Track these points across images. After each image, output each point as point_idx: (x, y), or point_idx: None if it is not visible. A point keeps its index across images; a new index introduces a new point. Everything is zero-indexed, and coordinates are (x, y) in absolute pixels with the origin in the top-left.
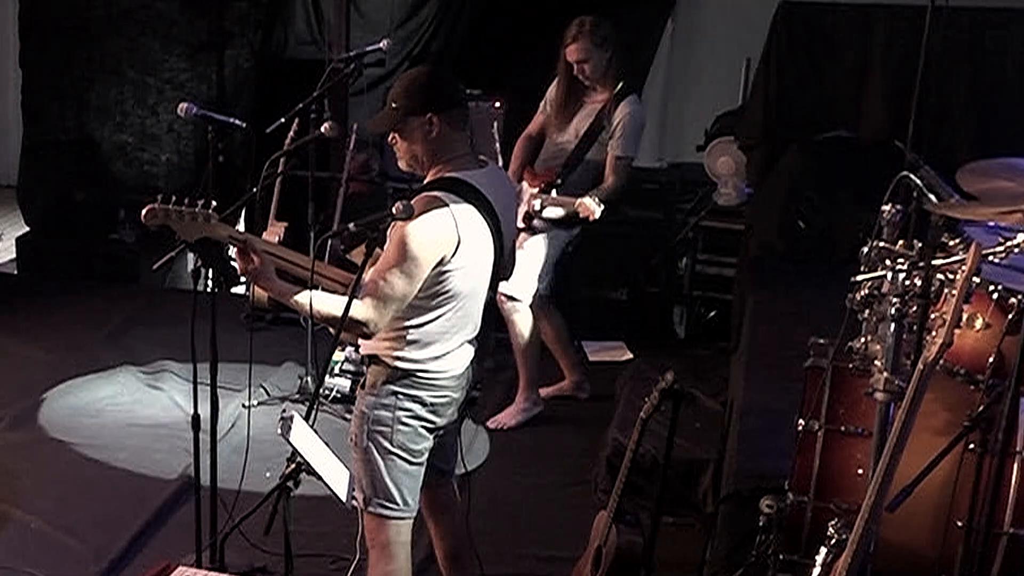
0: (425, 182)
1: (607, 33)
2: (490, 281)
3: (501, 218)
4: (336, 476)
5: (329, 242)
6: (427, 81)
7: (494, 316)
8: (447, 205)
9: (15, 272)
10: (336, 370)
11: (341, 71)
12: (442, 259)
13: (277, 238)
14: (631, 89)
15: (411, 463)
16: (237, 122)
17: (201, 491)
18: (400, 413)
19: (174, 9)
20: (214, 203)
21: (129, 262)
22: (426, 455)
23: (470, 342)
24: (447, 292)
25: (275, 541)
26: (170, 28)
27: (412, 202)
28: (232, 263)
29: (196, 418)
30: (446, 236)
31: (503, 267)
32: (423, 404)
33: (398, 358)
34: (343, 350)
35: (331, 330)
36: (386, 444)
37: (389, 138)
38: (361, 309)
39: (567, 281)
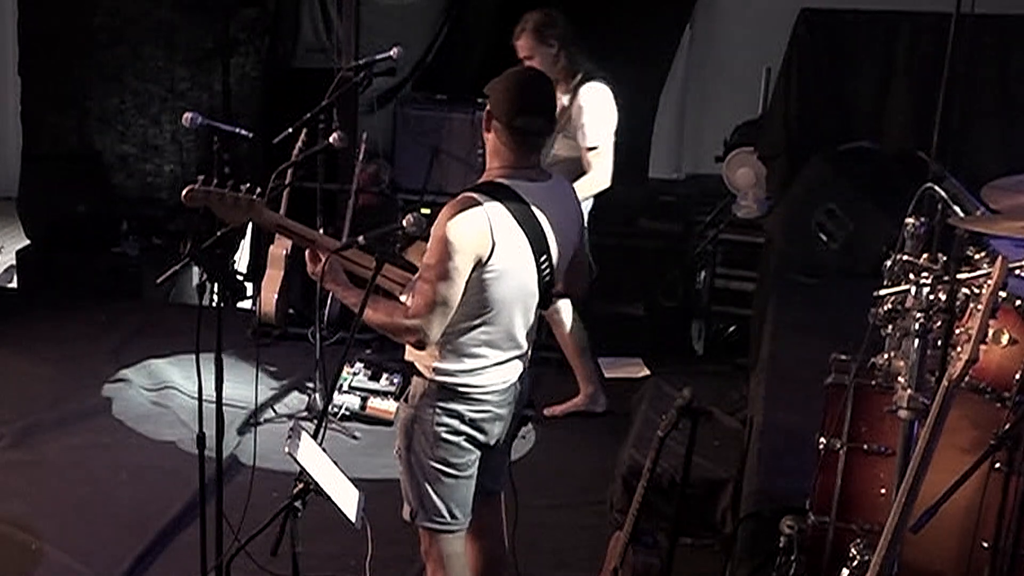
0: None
1: (551, 27)
2: (539, 298)
3: (549, 230)
4: (345, 495)
5: None
6: (508, 85)
7: None
8: (481, 205)
9: (15, 286)
10: (345, 387)
11: (350, 80)
12: (479, 260)
13: (285, 251)
14: (592, 76)
15: (455, 477)
16: (243, 132)
17: (206, 511)
18: (439, 428)
19: (178, 16)
20: (259, 188)
21: (132, 276)
22: (474, 467)
23: (517, 358)
24: (485, 300)
25: (282, 563)
26: (174, 36)
27: (451, 202)
28: (238, 276)
29: (201, 436)
30: (480, 235)
31: (553, 283)
32: (462, 419)
33: (435, 370)
34: (352, 366)
35: (391, 337)
36: (426, 459)
37: None
38: (411, 314)
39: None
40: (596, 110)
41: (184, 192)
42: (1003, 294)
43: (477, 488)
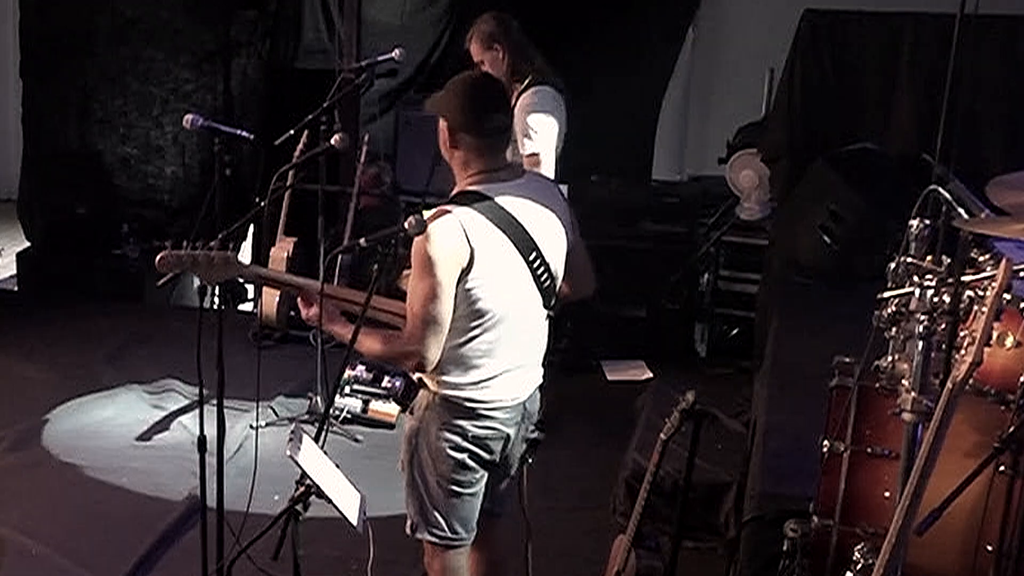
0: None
1: (497, 31)
2: (541, 299)
3: (534, 227)
4: (346, 498)
5: (340, 258)
6: (459, 94)
7: None
8: (451, 213)
9: (15, 289)
10: (346, 390)
11: (352, 81)
12: (461, 268)
13: (286, 253)
14: (541, 81)
15: (458, 494)
16: (245, 134)
17: (208, 514)
18: (443, 444)
19: (179, 18)
20: (231, 243)
21: (133, 278)
22: (478, 486)
23: (526, 370)
24: (478, 309)
25: (284, 566)
26: (175, 37)
27: (426, 217)
28: (239, 279)
29: (202, 439)
30: (456, 243)
31: (553, 282)
32: (465, 436)
33: (440, 383)
34: (353, 369)
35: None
36: (428, 474)
37: None
38: (405, 339)
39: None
40: (537, 115)
41: (157, 259)
42: (1007, 296)
43: (480, 508)
